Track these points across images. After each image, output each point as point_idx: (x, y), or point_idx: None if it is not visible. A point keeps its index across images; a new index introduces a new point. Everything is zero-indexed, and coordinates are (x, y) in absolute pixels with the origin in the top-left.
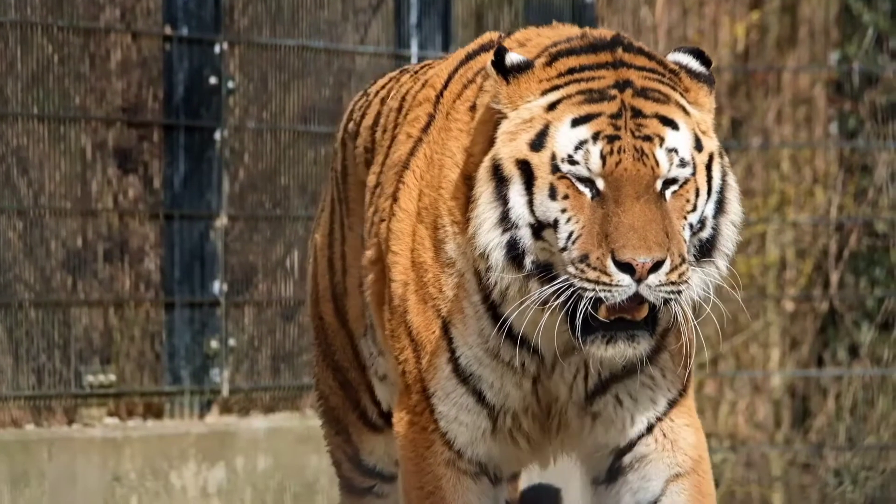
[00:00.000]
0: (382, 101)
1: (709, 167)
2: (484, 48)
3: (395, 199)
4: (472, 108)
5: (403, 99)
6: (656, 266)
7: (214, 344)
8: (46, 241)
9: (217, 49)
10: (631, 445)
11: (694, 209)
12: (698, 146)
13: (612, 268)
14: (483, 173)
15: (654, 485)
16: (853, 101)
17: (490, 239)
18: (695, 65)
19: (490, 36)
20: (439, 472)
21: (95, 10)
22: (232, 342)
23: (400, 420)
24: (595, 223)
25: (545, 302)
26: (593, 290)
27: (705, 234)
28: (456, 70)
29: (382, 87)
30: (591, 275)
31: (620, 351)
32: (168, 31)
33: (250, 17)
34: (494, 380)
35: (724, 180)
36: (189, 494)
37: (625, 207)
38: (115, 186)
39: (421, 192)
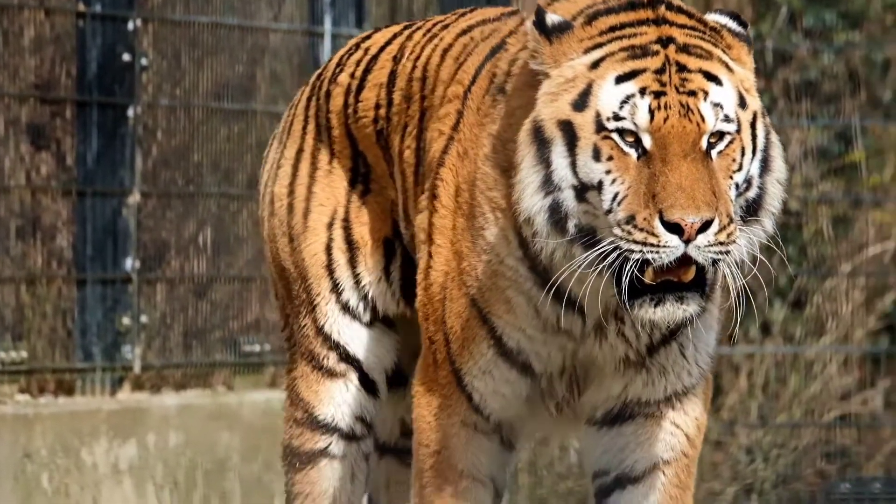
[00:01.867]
0: (395, 60)
1: (753, 125)
2: (504, 46)
3: (434, 195)
4: (500, 90)
5: (426, 70)
6: (705, 226)
7: (126, 321)
8: None
9: (130, 26)
10: (650, 403)
11: (740, 168)
12: (742, 103)
13: (659, 228)
14: (524, 136)
15: (640, 465)
16: (766, 79)
17: (534, 203)
18: (734, 25)
19: (512, 25)
20: (452, 430)
21: None
22: (144, 319)
23: (421, 387)
24: (641, 183)
25: (592, 266)
26: (640, 251)
27: (751, 193)
28: (482, 65)
29: (388, 43)
30: (639, 236)
31: (669, 313)
32: (81, 7)
33: None
34: (542, 350)
35: (768, 139)
36: (100, 471)
37: (672, 166)
38: (27, 163)
39: (458, 187)
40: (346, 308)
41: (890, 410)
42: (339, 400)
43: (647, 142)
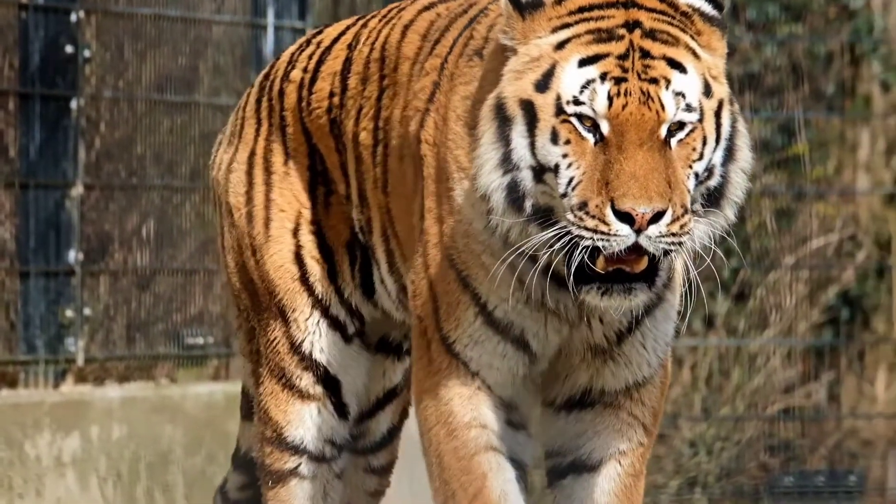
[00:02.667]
0: (350, 48)
1: (718, 114)
2: (484, 12)
3: (418, 173)
4: (477, 53)
5: (384, 48)
6: (657, 217)
7: (69, 313)
8: None
9: (73, 17)
10: (611, 393)
11: (700, 158)
12: (707, 91)
13: (610, 217)
14: (486, 111)
15: (597, 454)
16: None
17: (492, 180)
18: (708, 8)
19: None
20: (451, 392)
21: None
22: (87, 311)
23: (419, 371)
24: (596, 170)
25: (545, 247)
26: (591, 238)
27: (713, 182)
28: (461, 35)
29: (342, 34)
30: (590, 223)
31: (616, 303)
32: None
33: None
34: (534, 327)
35: (734, 127)
36: (43, 464)
37: (627, 154)
38: None
39: (437, 154)
40: (329, 322)
41: (833, 403)
42: (308, 424)
43: (604, 128)
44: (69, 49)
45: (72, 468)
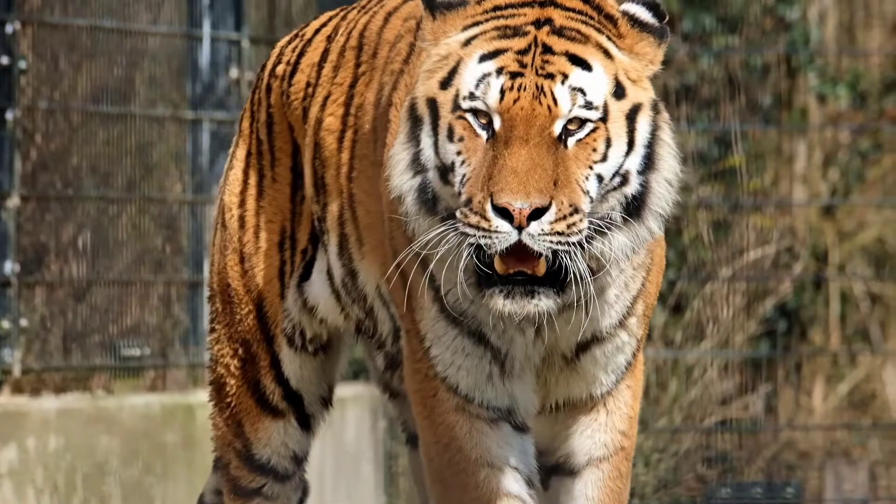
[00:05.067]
0: (329, 39)
1: (631, 117)
2: None
3: (386, 144)
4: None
5: (363, 35)
6: (537, 213)
7: (6, 324)
8: None
9: (9, 29)
10: (580, 402)
11: (604, 159)
12: (618, 93)
13: (490, 212)
14: (403, 112)
15: (575, 459)
16: None
17: (403, 181)
18: (644, 14)
19: None
20: (450, 419)
21: None
22: (23, 322)
23: (408, 373)
24: (484, 166)
25: (455, 250)
26: (475, 235)
27: (630, 189)
28: None
29: (323, 25)
30: (473, 220)
31: (519, 307)
32: None
33: None
34: (488, 318)
35: (654, 134)
36: None
37: (512, 149)
38: None
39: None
40: (295, 340)
41: (770, 415)
42: (276, 442)
43: (497, 123)
44: (5, 60)
45: (8, 479)
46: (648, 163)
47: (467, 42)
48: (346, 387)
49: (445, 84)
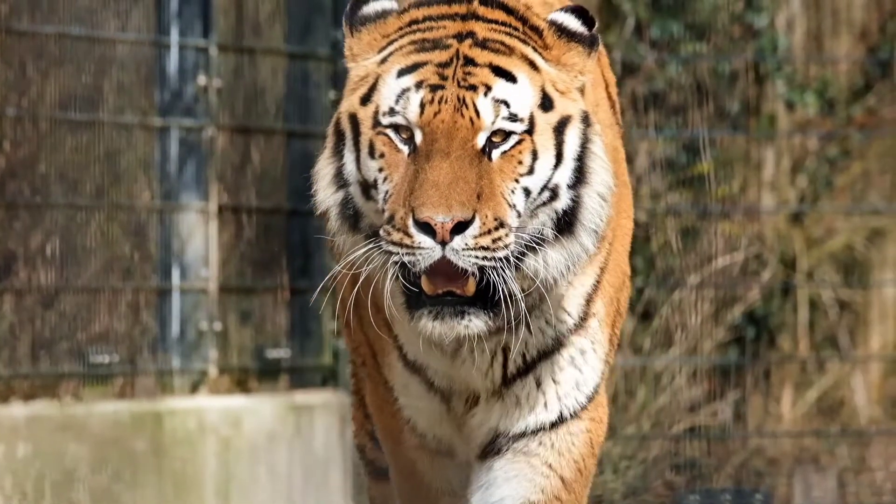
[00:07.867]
0: None
1: (559, 130)
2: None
3: None
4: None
5: None
6: (460, 227)
7: None
8: None
9: None
10: (520, 436)
11: (531, 172)
12: (546, 105)
13: (412, 228)
14: (330, 128)
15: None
16: None
17: (326, 196)
18: (572, 24)
19: None
20: (412, 455)
21: None
22: None
23: (374, 408)
24: (405, 181)
25: (381, 269)
26: (398, 252)
27: (561, 204)
28: None
29: None
30: (396, 236)
31: (448, 328)
32: None
33: (10, 4)
34: (437, 365)
35: (584, 147)
36: None
37: (433, 163)
38: None
39: None
40: None
41: (739, 422)
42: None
43: (418, 137)
44: None
45: None
46: (579, 176)
47: (384, 60)
48: (314, 394)
49: (365, 100)
